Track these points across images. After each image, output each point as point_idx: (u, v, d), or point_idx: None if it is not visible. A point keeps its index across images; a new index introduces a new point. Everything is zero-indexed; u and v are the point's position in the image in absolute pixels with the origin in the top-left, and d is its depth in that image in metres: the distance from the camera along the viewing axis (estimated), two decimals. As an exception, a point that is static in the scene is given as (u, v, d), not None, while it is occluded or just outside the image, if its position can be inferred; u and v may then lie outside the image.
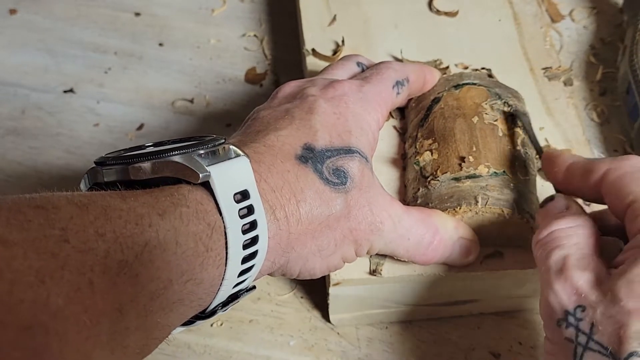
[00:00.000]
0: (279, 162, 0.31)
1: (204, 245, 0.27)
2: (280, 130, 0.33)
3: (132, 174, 0.28)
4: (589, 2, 0.57)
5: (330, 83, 0.36)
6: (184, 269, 0.26)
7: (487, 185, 0.36)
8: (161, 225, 0.25)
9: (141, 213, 0.25)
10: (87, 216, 0.24)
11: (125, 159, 0.28)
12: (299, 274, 0.33)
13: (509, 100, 0.41)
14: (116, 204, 0.25)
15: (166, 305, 0.26)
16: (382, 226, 0.34)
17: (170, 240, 0.25)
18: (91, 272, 0.22)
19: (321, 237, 0.32)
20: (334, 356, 0.41)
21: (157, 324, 0.26)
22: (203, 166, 0.28)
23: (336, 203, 0.32)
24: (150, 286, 0.24)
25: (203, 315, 0.30)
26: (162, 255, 0.25)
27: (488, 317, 0.42)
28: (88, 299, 0.22)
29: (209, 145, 0.29)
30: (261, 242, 0.29)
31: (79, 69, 0.54)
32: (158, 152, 0.28)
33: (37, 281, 0.21)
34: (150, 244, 0.25)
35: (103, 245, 0.23)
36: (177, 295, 0.26)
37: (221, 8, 0.59)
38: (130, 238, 0.24)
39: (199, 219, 0.27)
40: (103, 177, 0.29)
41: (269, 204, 0.30)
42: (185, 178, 0.28)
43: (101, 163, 0.29)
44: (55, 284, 0.21)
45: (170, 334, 0.28)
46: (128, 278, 0.24)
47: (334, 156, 0.33)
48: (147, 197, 0.27)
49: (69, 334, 0.21)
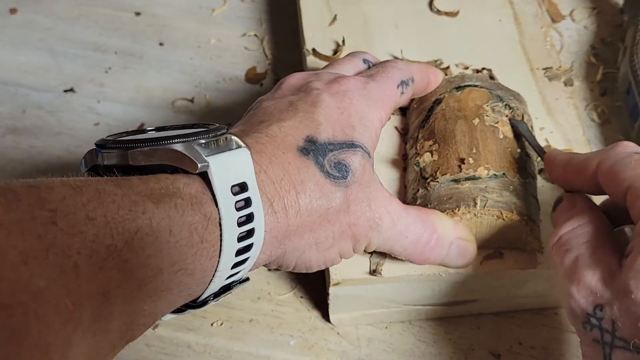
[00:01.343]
0: (281, 153, 0.31)
1: (198, 235, 0.27)
2: (283, 122, 0.33)
3: (130, 159, 0.28)
4: (590, 3, 0.57)
5: (336, 78, 0.36)
6: (175, 259, 0.26)
7: (486, 187, 0.36)
8: (155, 213, 0.25)
9: (135, 200, 0.25)
10: (79, 198, 0.24)
11: (125, 144, 0.28)
12: (294, 266, 0.33)
13: (510, 103, 0.40)
14: (111, 189, 0.25)
15: (154, 293, 0.25)
16: (380, 222, 0.34)
17: (164, 229, 0.25)
18: (77, 255, 0.22)
19: (319, 230, 0.32)
20: (334, 356, 0.41)
21: (143, 311, 0.25)
22: (202, 156, 0.27)
23: (336, 196, 0.32)
24: (139, 273, 0.24)
25: (194, 305, 0.30)
26: (154, 243, 0.25)
27: (488, 317, 0.42)
28: (72, 282, 0.22)
29: (210, 134, 0.29)
30: (257, 235, 0.29)
31: (80, 69, 0.54)
32: (159, 138, 0.28)
33: (19, 262, 0.21)
34: (142, 231, 0.25)
35: (92, 229, 0.23)
36: (166, 284, 0.26)
37: (221, 8, 0.59)
38: (121, 224, 0.24)
39: (195, 210, 0.27)
40: (103, 160, 0.28)
41: (267, 196, 0.30)
42: (184, 167, 0.27)
43: (102, 145, 0.29)
44: (39, 265, 0.21)
45: (161, 320, 0.28)
46: (116, 263, 0.24)
47: (336, 150, 0.33)
48: (143, 184, 0.26)
49: (49, 315, 0.21)
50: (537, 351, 0.41)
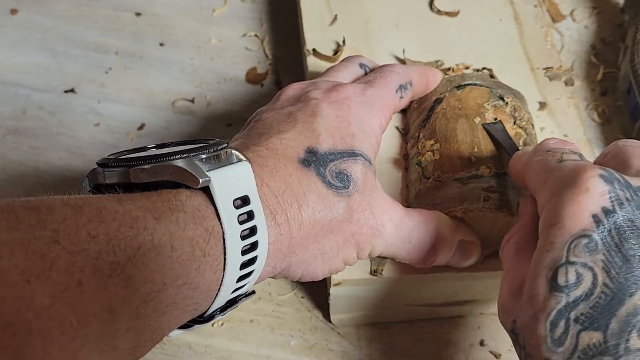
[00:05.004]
0: (282, 166, 0.31)
1: (200, 250, 0.27)
2: (283, 134, 0.33)
3: (132, 176, 0.28)
4: (590, 2, 0.57)
5: (334, 86, 0.36)
6: (179, 273, 0.26)
7: (489, 186, 0.36)
8: (156, 228, 0.25)
9: (137, 216, 0.25)
10: (80, 218, 0.24)
11: (126, 162, 0.28)
12: (300, 277, 0.33)
13: (510, 101, 0.40)
14: (112, 206, 0.25)
15: (160, 309, 0.25)
16: (383, 229, 0.34)
17: (165, 244, 0.25)
18: (81, 273, 0.22)
19: (323, 241, 0.32)
20: (334, 356, 0.41)
21: (149, 326, 0.25)
22: (203, 171, 0.27)
23: (339, 207, 0.32)
24: (144, 289, 0.24)
25: (201, 320, 0.30)
26: (156, 259, 0.25)
27: (488, 317, 0.42)
28: (76, 299, 0.22)
29: (211, 149, 0.29)
30: (261, 248, 0.29)
31: (80, 69, 0.54)
32: (160, 155, 0.28)
33: (21, 280, 0.21)
34: (144, 247, 0.25)
35: (95, 247, 0.23)
36: (171, 299, 0.26)
37: (222, 8, 0.59)
38: (123, 240, 0.24)
39: (197, 224, 0.27)
40: (104, 179, 0.29)
41: (270, 209, 0.30)
42: (185, 182, 0.27)
43: (103, 164, 0.29)
44: (42, 283, 0.21)
45: (169, 336, 0.28)
46: (120, 280, 0.24)
47: (337, 159, 0.33)
48: (144, 200, 0.26)
49: (54, 333, 0.21)
50: (537, 351, 0.41)
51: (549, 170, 0.30)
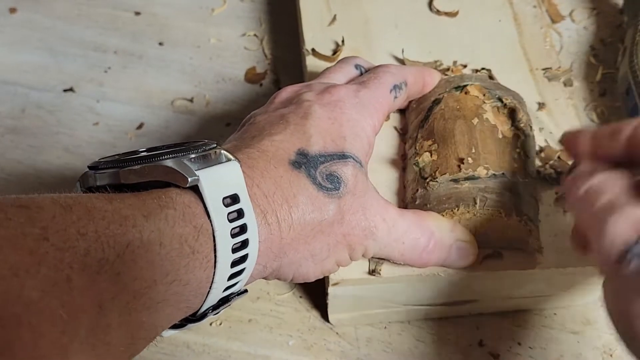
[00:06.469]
0: (272, 168, 0.31)
1: (189, 247, 0.27)
2: (274, 136, 0.33)
3: (122, 178, 0.28)
4: (589, 3, 0.57)
5: (327, 88, 0.36)
6: (168, 270, 0.26)
7: (485, 187, 0.36)
8: (145, 226, 0.26)
9: (126, 214, 0.25)
10: (70, 216, 0.24)
11: (116, 163, 0.29)
12: (292, 278, 0.33)
13: (509, 103, 0.40)
14: (102, 205, 0.25)
15: (150, 305, 0.26)
16: (376, 231, 0.34)
17: (154, 241, 0.26)
18: (69, 269, 0.23)
19: (314, 242, 0.32)
20: (333, 356, 0.41)
21: (142, 323, 0.26)
22: (192, 170, 0.28)
23: (329, 208, 0.32)
24: (133, 285, 0.25)
25: (194, 319, 0.30)
26: (145, 255, 0.25)
27: (488, 317, 0.42)
28: (65, 294, 0.22)
29: (200, 149, 0.29)
30: (251, 245, 0.29)
31: (79, 68, 0.54)
32: (149, 156, 0.29)
33: (10, 274, 0.21)
34: (133, 244, 0.25)
35: (83, 244, 0.23)
36: (161, 295, 0.26)
37: (221, 7, 0.59)
38: (112, 238, 0.24)
39: (185, 222, 0.27)
40: (95, 181, 0.29)
41: (260, 208, 0.30)
42: (174, 182, 0.28)
43: (94, 167, 0.29)
44: (30, 278, 0.21)
45: (163, 336, 0.28)
46: (109, 276, 0.24)
47: (328, 161, 0.33)
48: (133, 199, 0.27)
49: (43, 326, 0.21)
50: (536, 351, 0.41)
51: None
